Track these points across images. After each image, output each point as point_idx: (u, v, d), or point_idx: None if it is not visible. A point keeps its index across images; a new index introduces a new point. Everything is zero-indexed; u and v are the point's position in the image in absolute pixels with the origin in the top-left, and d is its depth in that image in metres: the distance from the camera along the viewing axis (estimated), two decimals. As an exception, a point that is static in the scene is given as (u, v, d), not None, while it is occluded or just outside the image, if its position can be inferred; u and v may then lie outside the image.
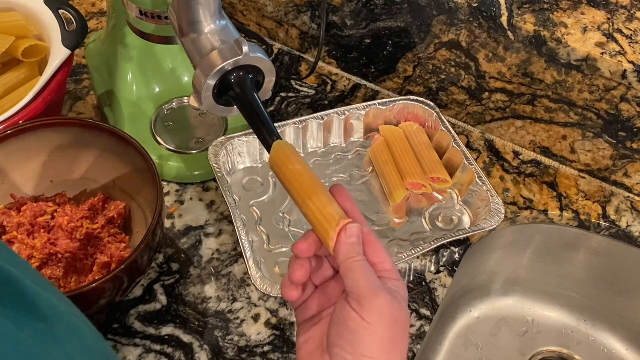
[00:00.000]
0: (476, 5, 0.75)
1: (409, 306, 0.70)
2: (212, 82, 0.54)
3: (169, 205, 0.75)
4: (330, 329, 0.42)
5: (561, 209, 0.81)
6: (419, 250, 0.69)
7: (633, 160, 0.80)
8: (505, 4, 0.76)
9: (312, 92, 0.90)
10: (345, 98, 0.90)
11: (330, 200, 0.46)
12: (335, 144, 0.83)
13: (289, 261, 0.47)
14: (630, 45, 0.73)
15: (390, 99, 0.83)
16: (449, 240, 0.70)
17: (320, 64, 0.94)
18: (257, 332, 0.66)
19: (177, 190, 0.77)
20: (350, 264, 0.42)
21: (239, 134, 0.76)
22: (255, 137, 0.54)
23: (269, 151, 0.50)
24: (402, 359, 0.41)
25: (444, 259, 0.74)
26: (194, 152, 0.78)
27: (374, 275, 0.42)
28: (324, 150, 0.82)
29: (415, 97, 0.83)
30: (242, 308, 0.68)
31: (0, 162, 0.66)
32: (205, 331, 0.66)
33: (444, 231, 0.74)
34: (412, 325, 0.69)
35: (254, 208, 0.75)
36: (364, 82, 0.93)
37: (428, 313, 0.70)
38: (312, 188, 0.46)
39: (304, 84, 0.91)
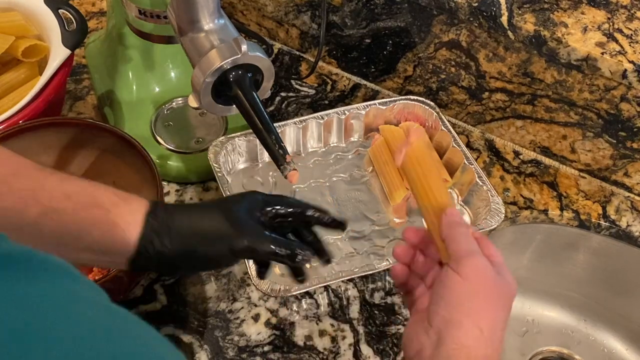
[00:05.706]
0: (476, 4, 0.75)
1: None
2: (210, 81, 0.54)
3: (168, 205, 0.75)
4: (431, 296, 0.47)
5: (561, 209, 0.81)
6: (418, 249, 0.68)
7: (633, 159, 0.80)
8: (505, 3, 0.76)
9: (312, 91, 0.90)
10: (345, 98, 0.90)
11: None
12: (335, 144, 0.83)
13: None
14: (630, 45, 0.73)
15: (390, 99, 0.83)
16: (448, 239, 0.70)
17: (320, 63, 0.94)
18: (257, 332, 0.66)
19: (177, 190, 0.77)
20: (455, 230, 0.49)
21: (239, 133, 0.76)
22: (256, 136, 0.55)
23: (267, 149, 0.50)
24: (494, 322, 0.44)
25: (444, 259, 0.74)
26: (194, 151, 0.78)
27: (474, 243, 0.48)
28: (324, 150, 0.82)
29: (415, 97, 0.83)
30: (242, 308, 0.68)
31: (0, 162, 0.66)
32: (205, 331, 0.66)
33: (443, 231, 0.74)
34: (412, 325, 0.69)
35: (254, 208, 0.75)
36: (364, 81, 0.93)
37: (428, 313, 0.70)
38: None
39: (304, 84, 0.91)
